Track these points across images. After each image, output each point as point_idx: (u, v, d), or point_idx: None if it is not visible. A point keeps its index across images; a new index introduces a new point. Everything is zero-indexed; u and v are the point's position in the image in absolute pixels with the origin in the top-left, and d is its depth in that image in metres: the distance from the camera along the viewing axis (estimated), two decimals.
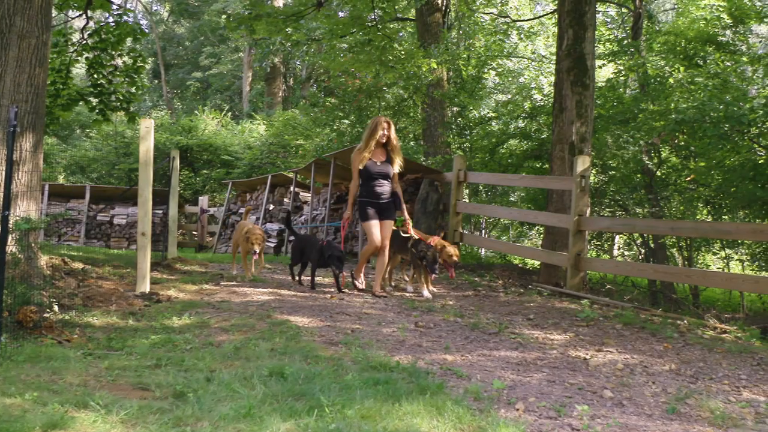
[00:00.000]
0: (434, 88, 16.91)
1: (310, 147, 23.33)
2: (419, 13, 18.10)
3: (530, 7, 25.38)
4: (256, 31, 14.59)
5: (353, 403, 4.01)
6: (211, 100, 39.79)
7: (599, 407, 4.35)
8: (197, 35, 44.01)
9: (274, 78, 35.32)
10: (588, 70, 10.78)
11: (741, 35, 14.40)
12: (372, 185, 8.80)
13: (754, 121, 9.57)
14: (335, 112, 20.46)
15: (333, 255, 8.73)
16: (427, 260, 8.73)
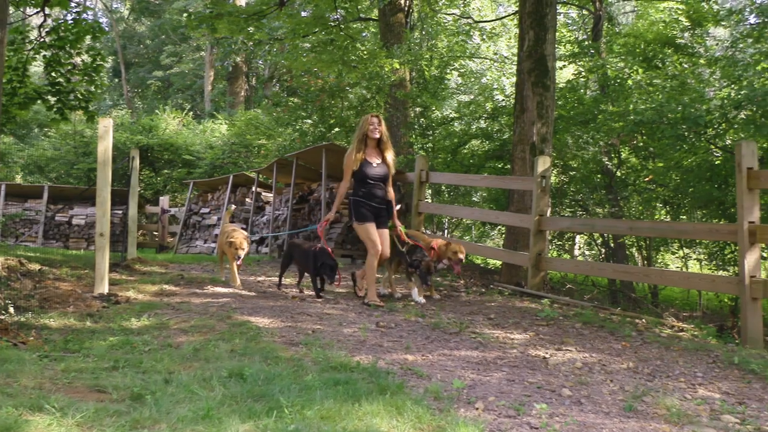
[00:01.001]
0: (397, 88, 16.93)
1: (272, 147, 23.26)
2: (382, 14, 18.11)
3: (492, 8, 25.54)
4: (217, 30, 14.47)
5: (313, 403, 4.00)
6: (172, 99, 39.40)
7: (558, 405, 4.38)
8: (158, 34, 43.58)
9: (236, 77, 35.12)
10: (549, 71, 10.86)
11: (699, 38, 14.62)
12: (369, 187, 8.22)
13: (711, 123, 9.72)
14: (298, 111, 20.39)
15: (325, 264, 8.18)
16: (420, 271, 8.30)
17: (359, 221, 8.18)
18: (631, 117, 10.82)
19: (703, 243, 12.12)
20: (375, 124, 8.19)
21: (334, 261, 8.25)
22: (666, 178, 11.65)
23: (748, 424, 4.13)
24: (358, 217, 8.20)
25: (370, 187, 8.20)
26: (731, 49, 12.42)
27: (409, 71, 17.64)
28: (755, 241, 6.80)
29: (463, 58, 20.44)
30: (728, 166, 9.49)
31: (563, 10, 21.30)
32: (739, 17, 11.81)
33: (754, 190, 6.89)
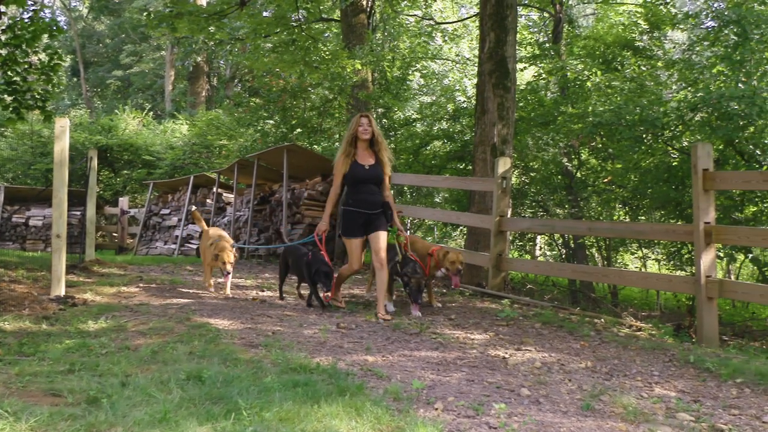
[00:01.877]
0: (359, 89, 16.93)
1: (233, 147, 23.10)
2: (344, 14, 18.12)
3: (454, 9, 25.64)
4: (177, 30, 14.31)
5: (272, 405, 3.98)
6: (132, 99, 38.97)
7: (516, 405, 4.41)
8: (118, 33, 43.10)
9: (197, 77, 34.84)
10: (509, 73, 10.93)
11: (657, 41, 14.82)
12: (360, 192, 7.57)
13: (668, 125, 9.85)
14: (259, 112, 20.32)
15: (320, 270, 7.61)
16: (411, 288, 7.62)
17: (345, 235, 7.71)
18: (590, 119, 10.94)
19: (662, 243, 12.29)
20: (365, 125, 7.63)
21: (329, 267, 7.67)
22: (624, 179, 11.78)
23: (702, 421, 4.19)
24: (344, 231, 7.72)
25: (361, 191, 7.56)
26: (688, 52, 12.60)
27: (371, 72, 17.66)
28: (711, 241, 6.90)
29: (425, 60, 20.50)
30: (685, 168, 9.63)
31: (524, 13, 21.49)
32: (695, 21, 11.99)
33: (709, 191, 6.99)
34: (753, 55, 9.52)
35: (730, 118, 8.69)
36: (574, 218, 13.37)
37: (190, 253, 16.88)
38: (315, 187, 13.57)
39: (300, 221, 13.21)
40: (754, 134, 8.96)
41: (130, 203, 23.09)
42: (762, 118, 8.75)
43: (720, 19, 10.26)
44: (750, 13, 9.46)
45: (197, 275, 10.75)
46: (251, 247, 13.18)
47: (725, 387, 5.02)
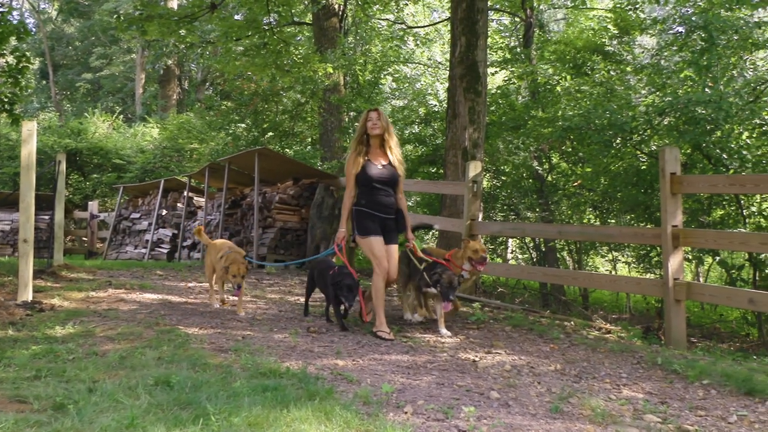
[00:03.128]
0: (331, 92, 16.94)
1: (204, 151, 22.99)
2: (316, 18, 18.11)
3: (426, 14, 25.70)
4: (147, 33, 14.24)
5: (241, 410, 3.95)
6: (102, 102, 38.64)
7: (486, 408, 4.42)
8: (88, 35, 42.69)
9: (168, 80, 34.61)
10: (480, 77, 10.98)
11: (627, 46, 14.97)
12: (373, 194, 6.91)
13: (636, 129, 9.94)
14: (231, 115, 20.25)
15: (342, 283, 6.70)
16: (441, 286, 6.71)
17: (362, 234, 6.87)
18: (559, 123, 11.02)
19: (631, 246, 12.40)
20: (374, 119, 6.97)
21: (353, 280, 6.74)
22: (594, 182, 11.88)
23: (669, 422, 4.23)
24: (360, 230, 6.89)
25: (375, 193, 6.90)
26: (657, 57, 12.75)
27: (343, 76, 17.67)
28: (678, 244, 6.98)
29: (397, 64, 20.54)
30: (653, 171, 9.73)
31: (495, 17, 21.58)
32: (663, 26, 12.12)
33: (677, 195, 7.07)
34: (719, 60, 9.64)
35: (698, 123, 8.79)
36: (544, 222, 13.45)
37: (161, 257, 16.76)
38: (286, 190, 13.54)
39: (272, 225, 13.17)
40: (720, 138, 9.07)
41: (100, 207, 22.88)
42: (728, 123, 8.86)
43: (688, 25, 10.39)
44: (716, 19, 9.58)
45: (167, 280, 10.66)
46: (268, 264, 12.70)
47: (692, 388, 5.07)
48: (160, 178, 19.33)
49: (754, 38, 10.32)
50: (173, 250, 16.88)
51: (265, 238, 13.03)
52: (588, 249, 14.29)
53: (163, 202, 18.12)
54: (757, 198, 9.76)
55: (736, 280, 9.74)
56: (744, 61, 11.01)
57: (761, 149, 9.39)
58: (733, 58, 10.23)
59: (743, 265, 10.24)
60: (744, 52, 10.56)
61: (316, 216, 12.79)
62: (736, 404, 4.69)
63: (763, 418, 4.39)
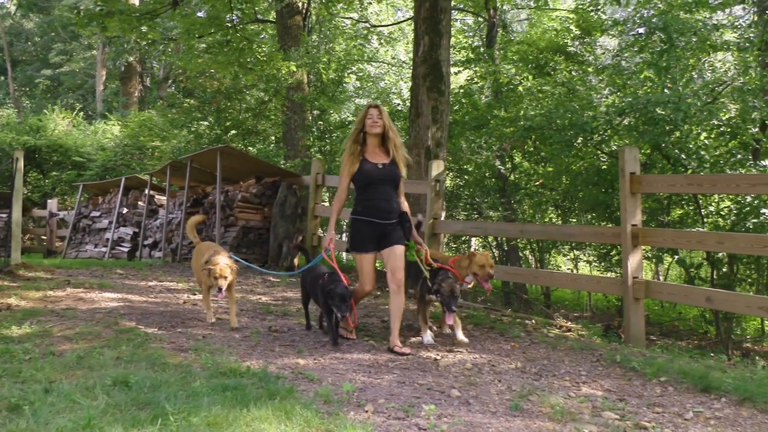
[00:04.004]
0: (294, 91, 16.88)
1: (166, 149, 22.77)
2: (279, 16, 18.02)
3: (390, 12, 25.71)
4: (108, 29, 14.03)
5: (200, 410, 3.93)
6: (62, 98, 38.03)
7: (446, 406, 4.44)
8: (47, 31, 42.03)
9: (129, 77, 34.19)
10: (443, 76, 11.01)
11: (588, 46, 15.11)
12: (371, 197, 6.29)
13: (597, 129, 10.04)
14: (193, 113, 20.08)
15: (333, 292, 6.10)
16: (443, 294, 6.23)
17: (353, 249, 6.39)
18: (521, 122, 11.09)
19: (592, 245, 12.52)
20: (374, 117, 6.35)
21: (345, 289, 6.14)
22: (556, 182, 11.97)
23: (627, 419, 4.27)
24: (352, 245, 6.41)
25: (374, 196, 6.29)
26: (617, 57, 12.88)
27: (306, 74, 17.61)
28: (638, 243, 7.06)
29: (361, 62, 20.52)
30: (614, 171, 9.83)
31: (459, 17, 21.65)
32: (623, 28, 12.26)
33: (636, 194, 7.15)
34: (678, 61, 9.77)
35: (657, 123, 8.90)
36: (506, 221, 13.53)
37: (121, 256, 16.58)
38: (249, 189, 13.46)
39: (234, 224, 13.08)
40: (679, 139, 9.19)
41: (60, 205, 22.55)
42: (687, 124, 8.98)
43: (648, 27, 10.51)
44: (675, 21, 9.70)
45: (127, 279, 10.54)
46: (268, 272, 12.19)
47: (650, 386, 5.14)
48: (121, 176, 19.10)
49: (712, 40, 10.47)
50: (134, 249, 16.70)
51: (227, 237, 12.94)
52: (550, 248, 14.41)
53: (123, 201, 17.92)
54: (715, 198, 9.91)
55: (695, 279, 9.89)
56: (702, 63, 11.18)
57: (719, 150, 9.55)
58: (692, 60, 10.38)
59: (701, 263, 10.39)
60: (702, 53, 10.71)
61: (278, 215, 12.73)
62: (693, 401, 4.76)
63: (718, 415, 4.46)
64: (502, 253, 15.23)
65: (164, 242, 15.05)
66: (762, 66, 11.11)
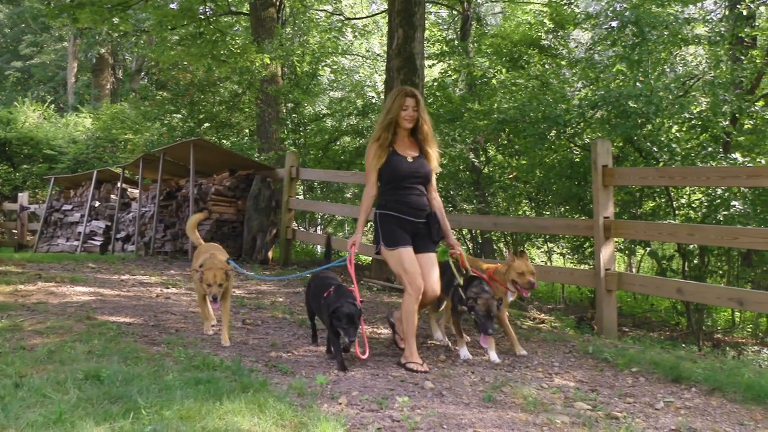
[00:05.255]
0: (268, 83, 16.80)
1: (139, 142, 22.58)
2: (253, 8, 17.93)
3: (365, 5, 25.67)
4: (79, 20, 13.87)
5: (172, 403, 3.92)
6: (32, 91, 37.65)
7: (420, 398, 4.45)
8: (17, 22, 41.49)
9: (101, 69, 33.88)
10: (417, 69, 11.00)
11: (562, 40, 15.17)
12: (401, 193, 5.62)
13: (570, 122, 10.08)
14: (166, 106, 19.93)
15: (340, 312, 5.16)
16: (477, 312, 5.47)
17: (388, 246, 5.53)
18: (495, 115, 11.10)
19: (566, 237, 12.58)
20: (410, 109, 5.63)
21: (354, 307, 5.21)
22: (529, 174, 12.01)
23: (599, 410, 4.31)
24: (386, 240, 5.55)
25: (402, 192, 5.61)
26: (590, 51, 12.94)
27: (280, 67, 17.54)
28: (610, 235, 7.13)
29: (335, 55, 20.48)
30: (587, 164, 9.87)
31: (434, 9, 21.65)
32: (595, 21, 12.31)
33: (608, 187, 7.22)
34: (650, 55, 9.83)
35: (629, 116, 8.95)
36: (480, 213, 13.57)
37: (94, 250, 16.43)
38: (222, 182, 13.39)
39: (207, 217, 13.01)
40: (651, 132, 9.25)
41: (31, 199, 22.33)
42: (658, 117, 9.04)
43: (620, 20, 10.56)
44: (647, 14, 9.76)
45: (99, 273, 10.44)
46: (267, 278, 11.81)
47: (621, 376, 5.19)
48: (93, 169, 18.92)
49: (684, 34, 10.54)
50: (106, 243, 16.56)
51: (200, 230, 12.86)
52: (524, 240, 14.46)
53: (96, 194, 17.75)
54: (686, 190, 9.99)
55: (666, 271, 9.97)
56: (674, 57, 11.25)
57: (690, 143, 9.62)
58: (664, 54, 10.44)
59: (673, 255, 10.48)
60: (674, 47, 10.79)
61: (252, 208, 12.68)
62: (664, 391, 4.82)
63: (688, 404, 4.51)
64: (476, 246, 15.27)
65: (137, 236, 14.94)
66: (733, 60, 11.20)
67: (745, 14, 11.09)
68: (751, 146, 9.96)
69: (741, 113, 9.49)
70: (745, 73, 10.12)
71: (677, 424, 4.09)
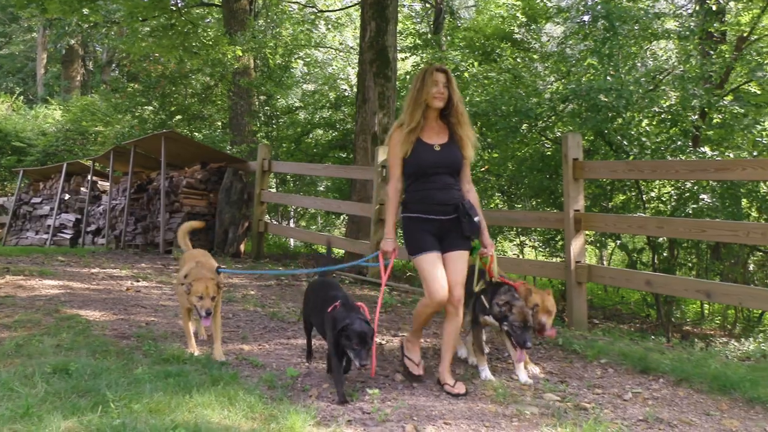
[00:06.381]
0: (241, 76, 16.72)
1: (110, 134, 22.37)
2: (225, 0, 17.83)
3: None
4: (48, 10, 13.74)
5: (142, 397, 3.90)
6: (1, 82, 37.16)
7: (390, 390, 4.47)
8: None
9: (71, 61, 33.49)
10: (390, 62, 11.02)
11: (534, 33, 15.24)
12: (425, 187, 4.83)
13: (541, 115, 10.14)
14: (137, 98, 19.76)
15: (350, 329, 4.33)
16: (512, 323, 4.78)
17: (411, 253, 4.84)
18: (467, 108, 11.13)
19: (538, 230, 12.65)
20: (441, 85, 4.85)
21: (367, 326, 4.41)
22: (501, 168, 12.06)
23: (568, 401, 4.35)
24: (409, 246, 4.85)
25: (427, 186, 4.83)
26: (562, 45, 13.01)
27: (253, 59, 17.46)
28: (580, 228, 7.17)
29: (308, 48, 20.42)
30: (558, 157, 9.93)
31: (407, 2, 21.69)
32: (567, 15, 12.39)
33: (579, 180, 7.26)
34: (621, 49, 9.90)
35: (599, 110, 9.02)
36: None
37: (63, 243, 16.27)
38: (194, 175, 13.31)
39: (179, 210, 12.92)
40: (621, 125, 9.32)
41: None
42: (629, 110, 9.12)
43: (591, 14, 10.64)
44: (618, 8, 9.83)
45: (69, 266, 10.32)
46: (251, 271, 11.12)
47: (590, 368, 5.24)
48: (63, 162, 18.73)
49: (654, 29, 10.64)
50: (76, 236, 16.41)
51: (172, 223, 12.78)
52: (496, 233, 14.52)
53: (65, 187, 17.57)
54: (656, 183, 10.09)
55: (637, 263, 10.07)
56: (644, 51, 11.34)
57: (660, 136, 9.71)
58: (634, 48, 10.52)
59: (643, 248, 10.58)
60: (644, 42, 10.88)
61: (224, 201, 12.62)
62: (632, 382, 4.87)
63: (656, 395, 4.56)
64: None
65: (107, 229, 14.82)
66: (702, 54, 11.32)
67: (714, 9, 11.21)
68: (720, 140, 10.06)
69: (710, 107, 9.59)
70: (714, 68, 10.23)
71: (645, 415, 4.14)
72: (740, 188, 8.92)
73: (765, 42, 11.62)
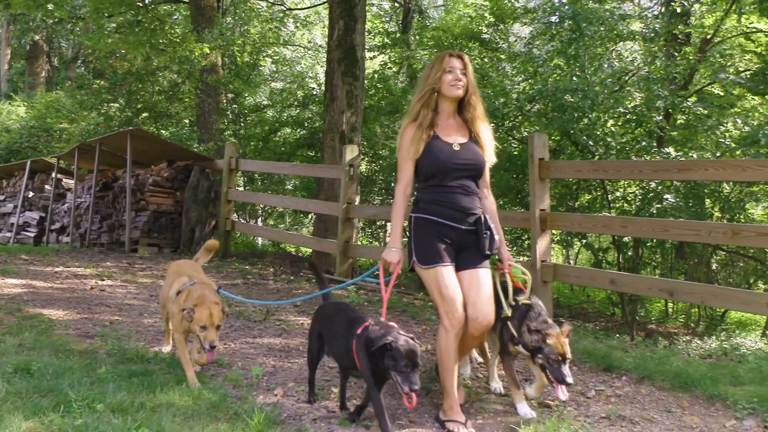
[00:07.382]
0: (208, 73, 16.61)
1: (75, 131, 22.12)
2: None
3: None
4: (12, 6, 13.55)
5: (104, 396, 3.87)
6: None
7: (356, 389, 4.48)
8: None
9: (35, 57, 33.05)
10: (358, 61, 11.02)
11: (502, 34, 15.33)
12: (443, 190, 4.18)
13: (508, 115, 10.21)
14: (103, 95, 19.57)
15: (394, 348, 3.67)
16: (547, 357, 4.05)
17: (422, 262, 4.15)
18: None
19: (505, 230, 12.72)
20: (458, 71, 4.21)
21: (413, 343, 3.79)
22: None
23: (531, 399, 4.38)
24: (419, 255, 4.17)
25: (445, 189, 4.18)
26: (529, 45, 13.09)
27: (221, 57, 17.35)
28: (546, 227, 7.22)
29: (276, 46, 20.35)
30: (524, 157, 10.01)
31: (376, 1, 21.68)
32: (534, 15, 12.47)
33: (545, 180, 7.31)
34: (587, 50, 9.99)
35: (565, 110, 9.10)
36: None
37: (27, 241, 16.06)
38: (160, 173, 13.20)
39: (145, 208, 12.81)
40: (587, 126, 9.41)
41: None
42: (594, 111, 9.21)
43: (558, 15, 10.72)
44: (584, 10, 9.91)
45: (32, 264, 10.17)
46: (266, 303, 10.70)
47: None
48: (27, 159, 18.48)
49: (620, 30, 10.75)
50: (40, 234, 16.21)
51: (138, 222, 12.68)
52: None
53: (29, 184, 17.34)
54: (621, 183, 10.20)
55: (602, 262, 10.17)
56: (610, 52, 11.46)
57: (625, 137, 9.82)
58: (600, 49, 10.63)
59: (608, 247, 10.69)
60: (610, 43, 10.99)
61: (191, 199, 12.53)
62: (595, 380, 4.92)
63: (618, 392, 4.62)
64: None
65: (72, 227, 14.65)
66: (667, 56, 11.46)
67: (679, 12, 11.36)
68: (684, 141, 10.20)
69: (674, 108, 9.72)
70: (678, 69, 10.37)
71: (607, 412, 4.18)
72: (704, 188, 9.06)
73: (728, 44, 11.80)
